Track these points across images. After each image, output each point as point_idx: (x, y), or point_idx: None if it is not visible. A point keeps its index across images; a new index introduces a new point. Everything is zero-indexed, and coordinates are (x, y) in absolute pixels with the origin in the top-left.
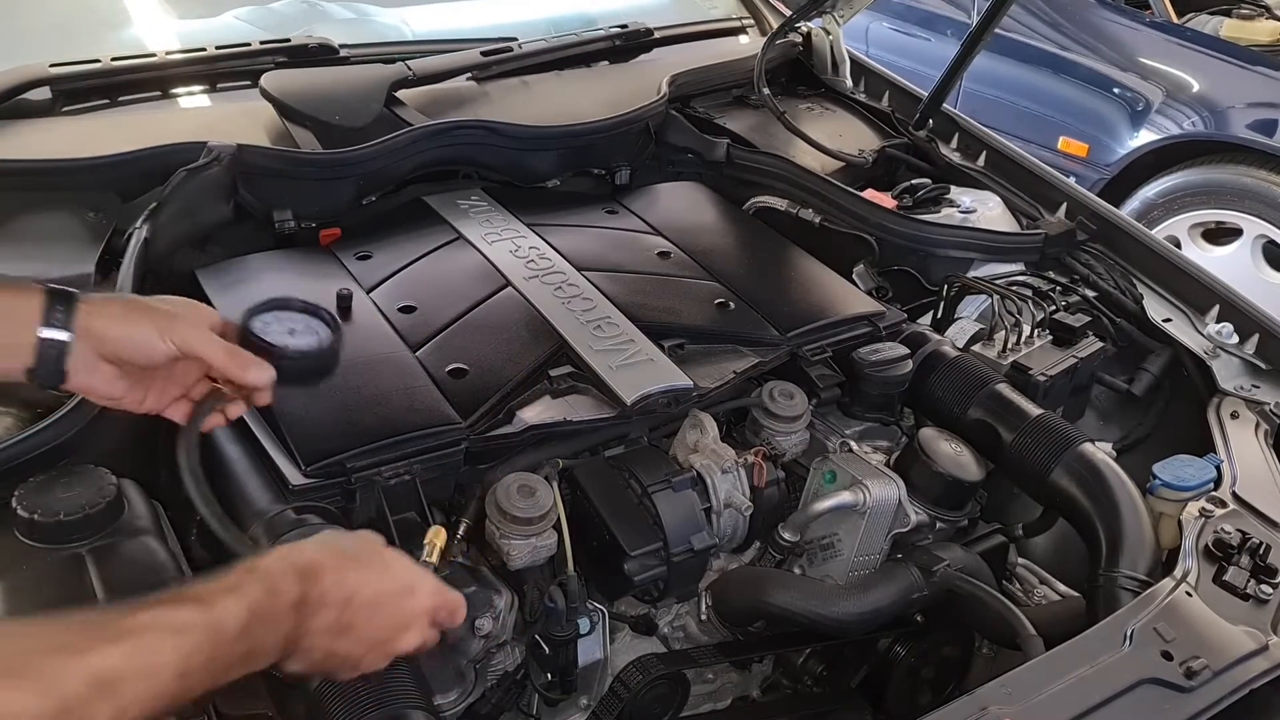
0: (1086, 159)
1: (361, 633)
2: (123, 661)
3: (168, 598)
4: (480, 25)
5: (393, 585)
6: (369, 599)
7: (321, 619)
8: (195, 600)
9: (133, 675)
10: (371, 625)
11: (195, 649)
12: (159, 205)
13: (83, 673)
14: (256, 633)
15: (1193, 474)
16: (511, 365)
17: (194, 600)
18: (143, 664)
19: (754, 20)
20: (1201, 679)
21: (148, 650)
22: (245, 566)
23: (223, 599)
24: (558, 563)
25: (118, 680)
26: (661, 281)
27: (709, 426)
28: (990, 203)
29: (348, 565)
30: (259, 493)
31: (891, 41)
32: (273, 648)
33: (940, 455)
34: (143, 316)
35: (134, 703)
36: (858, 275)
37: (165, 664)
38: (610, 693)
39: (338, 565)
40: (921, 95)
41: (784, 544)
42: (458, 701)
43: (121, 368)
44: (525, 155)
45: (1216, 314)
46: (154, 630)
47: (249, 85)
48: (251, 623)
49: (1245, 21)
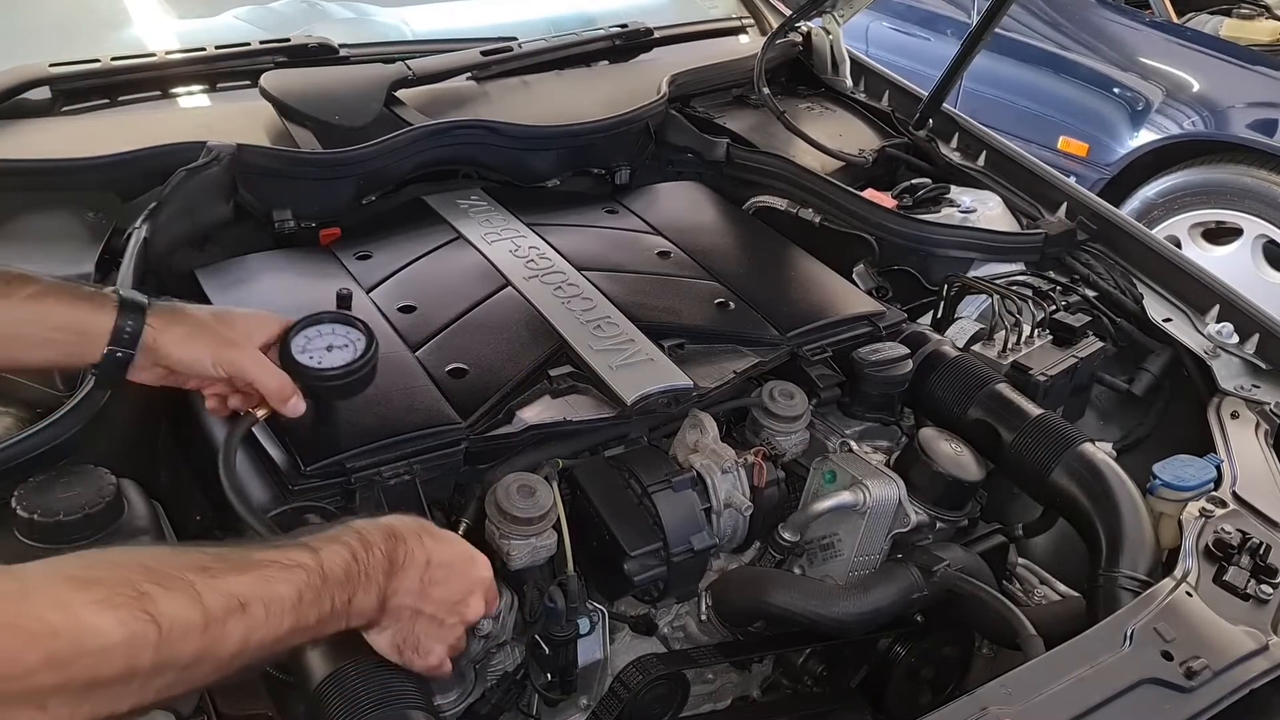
0: (1086, 159)
1: (439, 594)
2: (251, 587)
3: (282, 543)
4: (480, 25)
5: (460, 551)
6: (442, 561)
7: (407, 578)
8: (305, 546)
9: (258, 600)
10: (447, 587)
11: (307, 585)
12: (159, 205)
13: (221, 590)
14: (356, 581)
15: (1193, 474)
16: (511, 365)
17: (304, 546)
18: (267, 592)
19: (754, 20)
20: (1201, 679)
21: (271, 580)
22: (341, 525)
23: (327, 545)
24: (558, 563)
25: (248, 602)
26: (661, 281)
27: (709, 426)
28: (990, 203)
29: (422, 532)
30: (259, 492)
31: (891, 41)
32: (369, 604)
33: (940, 455)
34: (202, 343)
35: (259, 625)
36: (858, 275)
37: (285, 595)
38: (610, 693)
39: (415, 532)
40: (921, 95)
41: (784, 544)
42: (458, 701)
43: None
44: (525, 155)
45: (1216, 314)
46: (275, 565)
47: (249, 85)
48: (352, 569)
49: (1245, 21)
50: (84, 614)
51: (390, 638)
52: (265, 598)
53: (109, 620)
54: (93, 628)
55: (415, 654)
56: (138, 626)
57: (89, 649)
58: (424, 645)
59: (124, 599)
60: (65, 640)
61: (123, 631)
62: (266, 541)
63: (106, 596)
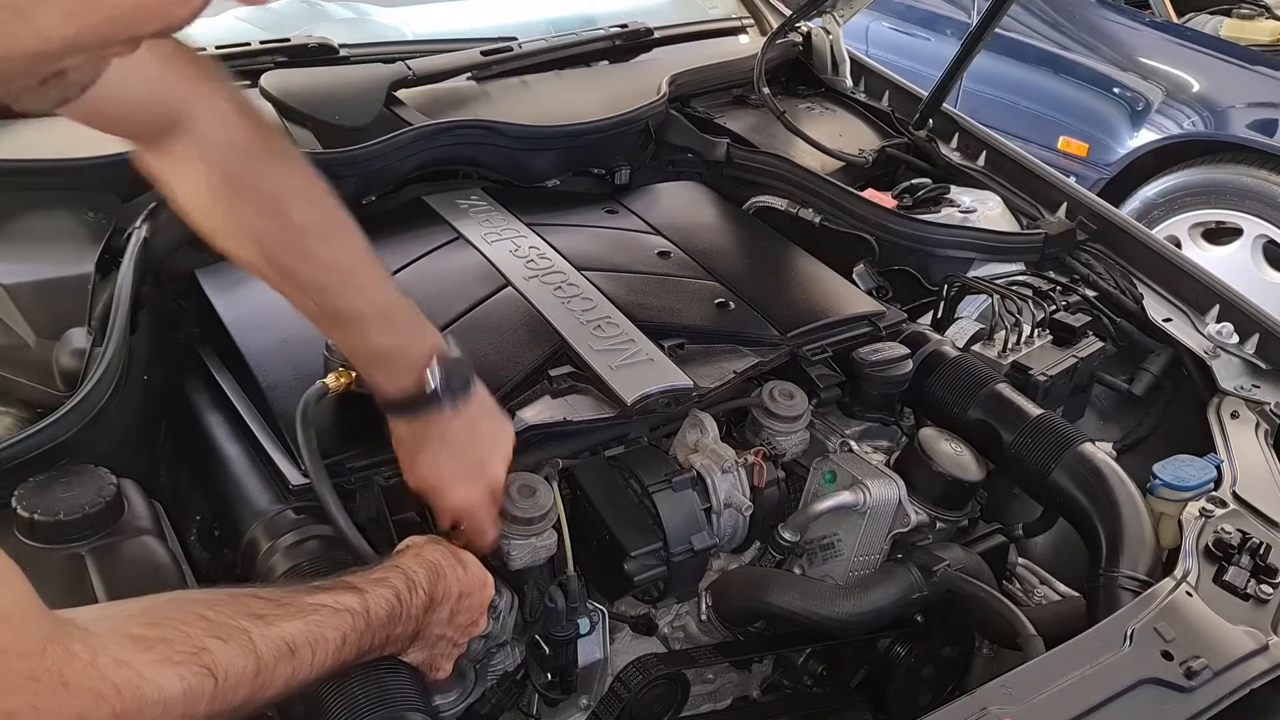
0: (1086, 159)
1: (460, 620)
2: (301, 632)
3: (332, 584)
4: (480, 25)
5: (478, 577)
6: (466, 592)
7: (440, 611)
8: (353, 588)
9: (307, 644)
10: (468, 613)
11: (352, 628)
12: (159, 205)
13: (273, 638)
14: (397, 621)
15: (1193, 474)
16: (511, 365)
17: (352, 588)
18: (315, 636)
19: (754, 20)
20: (1202, 679)
21: (320, 625)
22: (390, 564)
23: (375, 589)
24: (558, 563)
25: (297, 648)
26: (661, 281)
27: (709, 426)
28: (990, 203)
29: (455, 564)
30: (258, 493)
31: (891, 41)
32: (405, 636)
33: (940, 455)
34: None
35: (304, 667)
36: (858, 275)
37: (331, 638)
38: (610, 693)
39: (451, 565)
40: (921, 95)
41: (784, 544)
42: (458, 701)
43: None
44: (525, 155)
45: (1216, 314)
46: (325, 610)
47: (249, 85)
48: (395, 611)
49: (1245, 21)
50: (147, 672)
51: (412, 659)
52: (313, 642)
53: (170, 676)
54: (155, 684)
55: (429, 670)
56: (196, 681)
57: (150, 702)
58: (438, 663)
59: (184, 655)
60: (129, 697)
61: (182, 685)
62: (321, 584)
63: (168, 655)
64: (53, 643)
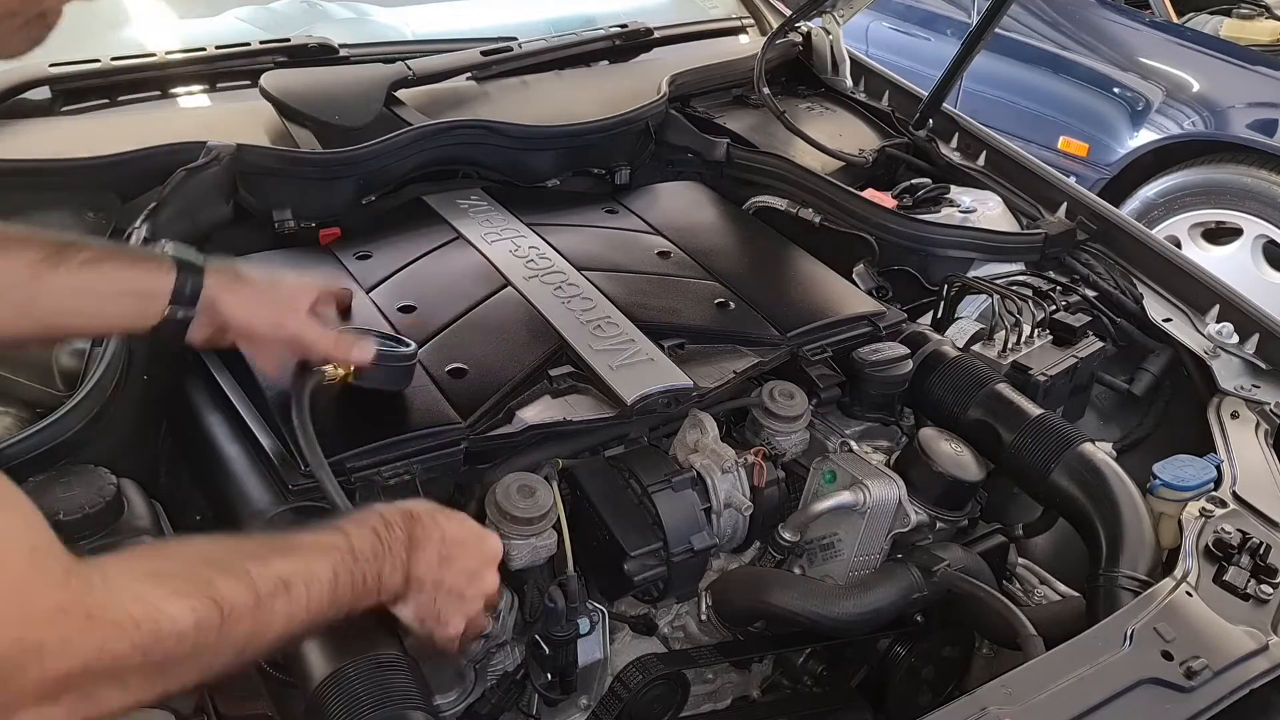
0: (1086, 159)
1: (456, 566)
2: (294, 569)
3: (314, 528)
4: (480, 25)
5: (471, 528)
6: (456, 538)
7: (426, 552)
8: (335, 529)
9: (300, 581)
10: (463, 560)
11: (340, 563)
12: (159, 205)
13: (269, 575)
14: (382, 558)
15: (1193, 474)
16: (511, 365)
17: (335, 529)
18: (308, 572)
19: (754, 20)
20: (1201, 679)
21: (310, 562)
22: (364, 510)
23: (354, 527)
24: (558, 563)
25: (291, 583)
26: (661, 281)
27: (709, 426)
28: (990, 202)
29: (435, 511)
30: (258, 492)
31: (891, 41)
32: (396, 579)
33: (940, 455)
34: (264, 306)
35: (300, 604)
36: (858, 275)
37: (322, 574)
38: (610, 693)
39: (429, 512)
40: (921, 95)
41: (784, 544)
42: (458, 701)
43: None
44: (525, 155)
45: (1216, 314)
46: (313, 548)
47: (249, 85)
48: (378, 547)
49: (1245, 21)
50: (162, 605)
51: (414, 609)
52: (306, 579)
53: (183, 609)
54: (170, 617)
55: (436, 624)
56: (205, 613)
57: (166, 634)
58: (444, 615)
59: (193, 589)
60: (147, 629)
61: (194, 618)
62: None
63: (179, 588)
64: (74, 575)
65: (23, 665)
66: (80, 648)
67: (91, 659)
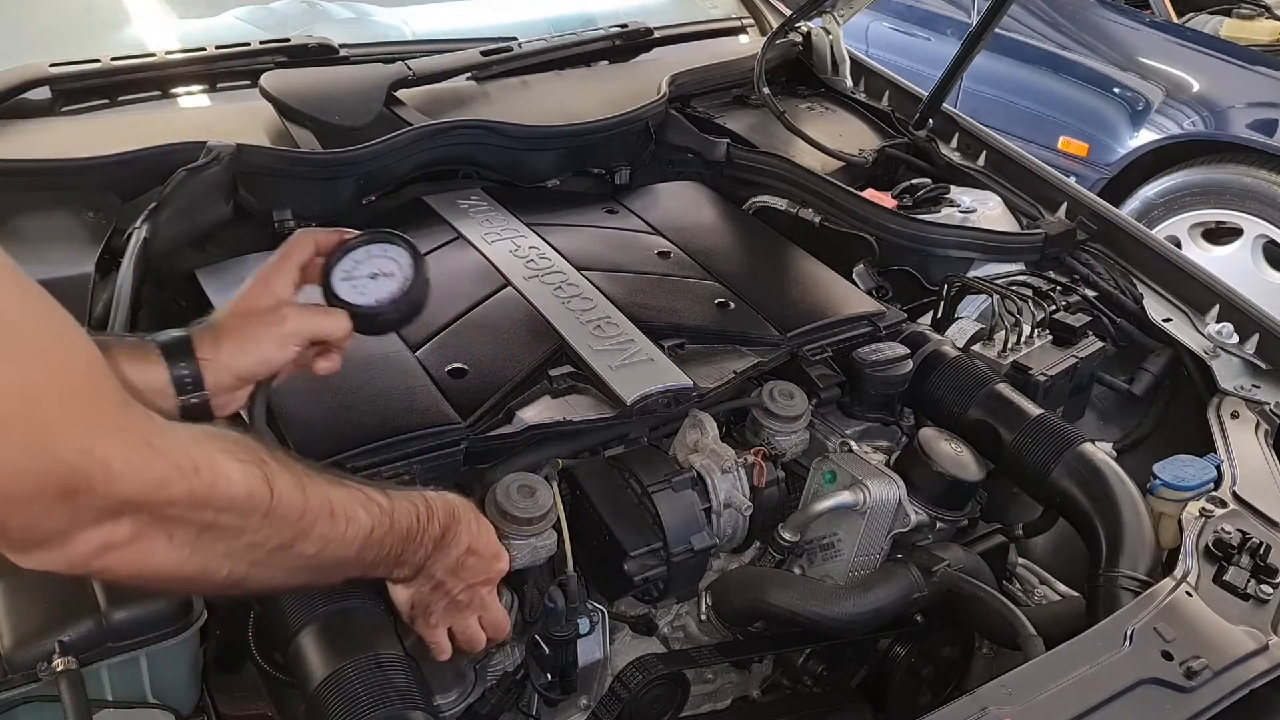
0: (1086, 159)
1: (464, 575)
2: (341, 499)
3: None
4: (480, 25)
5: (492, 545)
6: (478, 550)
7: (448, 555)
8: (383, 491)
9: (344, 514)
10: (473, 572)
11: (379, 523)
12: (158, 205)
13: (319, 492)
14: (413, 541)
15: (1193, 474)
16: (511, 365)
17: (383, 491)
18: (351, 510)
19: (754, 20)
20: (1202, 679)
21: (354, 503)
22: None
23: (400, 500)
24: (558, 563)
25: (335, 512)
26: (661, 281)
27: (709, 426)
28: (990, 202)
29: (474, 519)
30: None
31: (891, 41)
32: (413, 564)
33: (940, 455)
34: (254, 339)
35: (337, 536)
36: (858, 275)
37: (363, 520)
38: (610, 693)
39: (468, 518)
40: (921, 95)
41: (784, 544)
42: (458, 701)
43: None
44: (525, 155)
45: (1216, 314)
46: (360, 493)
47: (249, 85)
48: (413, 529)
49: (1245, 21)
50: (219, 459)
51: (410, 596)
52: (349, 514)
53: (238, 470)
54: (225, 473)
55: (424, 619)
56: (257, 485)
57: (219, 493)
58: (433, 613)
59: (250, 457)
60: (203, 479)
61: (246, 485)
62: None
63: (235, 449)
64: (132, 404)
65: (90, 480)
66: (143, 474)
67: (150, 492)
